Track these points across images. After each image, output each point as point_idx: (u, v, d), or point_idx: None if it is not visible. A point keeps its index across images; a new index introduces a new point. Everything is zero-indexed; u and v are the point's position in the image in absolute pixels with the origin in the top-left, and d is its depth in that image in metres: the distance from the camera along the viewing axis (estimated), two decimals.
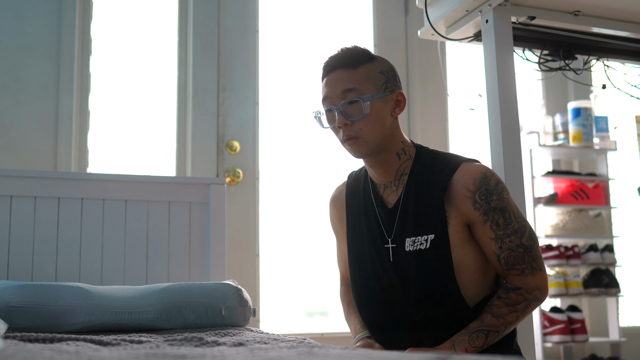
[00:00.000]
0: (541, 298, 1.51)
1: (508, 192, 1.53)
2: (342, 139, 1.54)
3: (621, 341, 3.69)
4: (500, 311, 1.46)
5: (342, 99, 1.51)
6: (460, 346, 1.44)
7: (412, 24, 3.79)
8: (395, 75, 1.59)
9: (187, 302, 1.77)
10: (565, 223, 3.67)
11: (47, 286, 1.71)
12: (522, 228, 1.50)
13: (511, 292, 1.47)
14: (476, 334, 1.45)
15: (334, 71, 1.55)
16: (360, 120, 1.50)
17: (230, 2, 3.47)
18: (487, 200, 1.48)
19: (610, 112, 4.05)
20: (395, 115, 1.57)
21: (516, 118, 1.91)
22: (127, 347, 1.16)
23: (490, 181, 1.50)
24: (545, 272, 1.52)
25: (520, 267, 1.48)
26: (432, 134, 3.81)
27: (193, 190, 2.38)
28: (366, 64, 1.55)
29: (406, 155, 1.59)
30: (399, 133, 1.59)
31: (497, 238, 1.49)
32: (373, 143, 1.52)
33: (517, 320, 1.48)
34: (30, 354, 0.89)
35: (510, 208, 1.51)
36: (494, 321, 1.45)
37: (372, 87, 1.53)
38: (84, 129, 3.19)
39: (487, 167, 1.56)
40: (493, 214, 1.48)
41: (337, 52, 1.59)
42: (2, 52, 2.98)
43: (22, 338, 1.31)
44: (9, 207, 2.15)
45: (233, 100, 3.37)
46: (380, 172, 1.59)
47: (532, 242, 1.50)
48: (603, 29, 2.07)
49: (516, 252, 1.48)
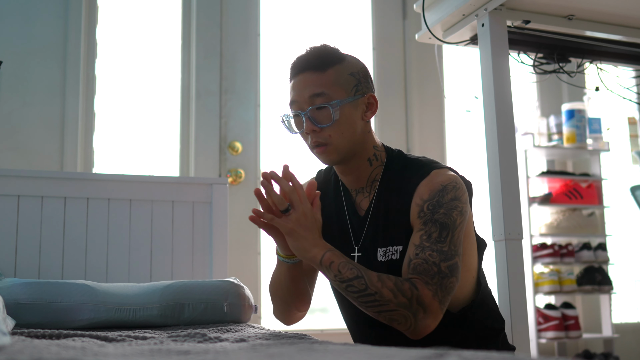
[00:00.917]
0: (417, 320, 1.27)
1: (462, 215, 1.37)
2: (311, 145, 1.44)
3: (614, 337, 3.70)
4: (387, 281, 1.28)
5: (310, 104, 1.40)
6: (332, 257, 1.31)
7: (410, 27, 3.79)
8: (367, 77, 1.48)
9: (190, 299, 1.77)
10: (560, 222, 3.67)
11: (54, 284, 1.71)
12: (450, 255, 1.32)
13: (407, 282, 1.29)
14: (352, 268, 1.30)
15: (301, 73, 1.44)
16: (329, 127, 1.40)
17: (232, 6, 3.47)
18: (432, 212, 1.35)
19: (603, 113, 4.05)
20: (366, 119, 1.46)
21: (511, 119, 1.91)
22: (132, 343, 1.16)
23: (446, 195, 1.36)
24: (439, 314, 1.29)
25: (425, 280, 1.29)
26: (429, 135, 3.81)
27: (196, 190, 2.38)
28: (335, 66, 1.43)
29: (378, 161, 1.48)
30: (371, 137, 1.48)
31: (420, 246, 1.33)
32: (343, 150, 1.42)
33: (385, 300, 1.27)
34: (37, 349, 0.89)
35: (452, 230, 1.34)
36: (374, 280, 1.28)
37: (341, 91, 1.41)
38: (89, 130, 3.19)
39: (457, 178, 1.42)
40: (431, 226, 1.34)
41: (305, 53, 1.47)
42: (10, 55, 2.98)
43: (30, 334, 1.31)
44: (16, 206, 2.15)
45: (235, 102, 3.37)
46: (352, 179, 1.50)
47: (448, 274, 1.30)
48: (596, 32, 2.07)
49: (429, 268, 1.30)
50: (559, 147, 3.72)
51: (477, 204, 1.63)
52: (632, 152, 4.12)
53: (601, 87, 2.30)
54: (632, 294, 4.22)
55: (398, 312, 1.27)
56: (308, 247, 1.33)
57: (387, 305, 1.27)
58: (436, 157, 3.76)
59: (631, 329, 4.13)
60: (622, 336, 3.91)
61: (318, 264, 1.33)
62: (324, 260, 1.32)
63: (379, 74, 3.76)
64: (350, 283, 1.29)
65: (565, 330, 3.49)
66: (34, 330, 1.38)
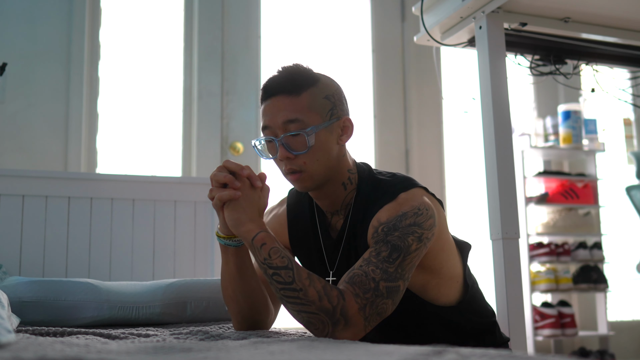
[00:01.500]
0: (334, 330, 1.17)
1: (419, 242, 1.26)
2: (285, 172, 1.36)
3: (609, 335, 3.70)
4: (316, 282, 1.18)
5: (284, 130, 1.31)
6: (266, 239, 1.21)
7: (409, 30, 3.79)
8: (342, 99, 1.39)
9: (192, 297, 1.77)
10: (556, 221, 3.67)
11: (58, 282, 1.71)
12: (394, 277, 1.22)
13: (337, 290, 1.19)
14: (284, 257, 1.20)
15: (274, 97, 1.33)
16: (304, 154, 1.31)
17: (234, 9, 3.47)
18: (386, 234, 1.26)
19: (598, 114, 4.06)
20: (341, 143, 1.37)
21: (508, 120, 1.91)
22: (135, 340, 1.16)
23: (405, 220, 1.27)
24: (361, 332, 1.19)
25: (356, 291, 1.19)
26: (428, 136, 3.82)
27: (198, 189, 2.38)
28: (310, 89, 1.33)
29: (352, 185, 1.40)
30: (345, 161, 1.40)
31: (366, 260, 1.23)
32: (318, 177, 1.34)
33: (308, 300, 1.17)
34: (41, 347, 0.89)
35: (405, 254, 1.24)
36: (303, 277, 1.18)
37: (316, 117, 1.32)
38: (93, 130, 3.19)
39: (423, 204, 1.31)
40: (382, 245, 1.24)
41: (277, 74, 1.36)
42: (14, 57, 2.98)
43: (34, 332, 1.31)
44: (21, 206, 2.15)
45: (236, 104, 3.37)
46: (326, 203, 1.42)
47: (385, 294, 1.20)
48: (592, 34, 2.07)
49: (367, 282, 1.20)
50: (556, 148, 3.72)
51: (475, 204, 1.62)
52: (627, 152, 4.12)
53: (597, 88, 2.30)
54: (627, 292, 4.22)
55: (318, 316, 1.17)
56: (244, 220, 1.23)
57: (309, 306, 1.17)
58: (434, 158, 3.79)
59: (626, 326, 4.14)
60: (617, 334, 3.92)
61: (250, 241, 1.22)
62: (257, 239, 1.21)
63: (378, 76, 3.76)
64: (277, 272, 1.19)
65: (561, 328, 3.49)
66: (38, 327, 1.38)
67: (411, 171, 3.72)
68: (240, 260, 1.33)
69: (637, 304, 4.29)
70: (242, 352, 0.85)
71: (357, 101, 3.68)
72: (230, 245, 1.31)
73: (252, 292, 1.35)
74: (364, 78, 3.77)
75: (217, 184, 1.26)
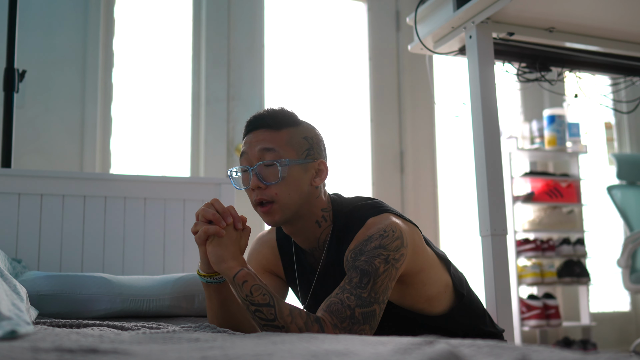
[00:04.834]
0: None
1: (386, 263, 1.21)
2: (255, 202, 1.30)
3: (591, 325, 3.70)
4: (297, 318, 1.14)
5: (259, 159, 1.28)
6: (247, 277, 1.16)
7: (403, 39, 3.79)
8: (320, 144, 1.35)
9: (200, 290, 1.76)
10: (541, 219, 3.67)
11: (74, 276, 1.70)
12: (368, 302, 1.17)
13: (317, 325, 1.14)
14: (265, 294, 1.15)
15: (256, 130, 1.30)
16: (276, 185, 1.26)
17: (239, 20, 3.47)
18: (354, 259, 1.22)
19: (581, 118, 4.06)
20: (315, 185, 1.32)
21: (497, 124, 1.91)
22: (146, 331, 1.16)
23: (370, 243, 1.23)
24: None
25: (334, 321, 1.14)
26: (421, 139, 3.81)
27: (205, 189, 2.38)
28: (290, 128, 1.30)
29: (326, 222, 1.35)
30: (320, 202, 1.34)
31: (341, 287, 1.19)
32: (287, 211, 1.28)
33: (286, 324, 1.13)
34: (58, 337, 0.89)
35: (374, 277, 1.19)
36: (285, 313, 1.14)
37: (292, 152, 1.28)
38: (107, 133, 3.19)
39: (390, 226, 1.26)
40: (352, 271, 1.20)
41: (262, 112, 1.33)
42: (33, 65, 2.98)
43: (51, 323, 1.31)
44: (39, 204, 2.15)
45: (241, 108, 3.37)
46: (301, 240, 1.37)
47: (361, 320, 1.16)
48: (575, 43, 2.07)
49: (343, 310, 1.15)
50: (541, 150, 3.72)
51: (465, 203, 1.61)
52: (608, 154, 4.12)
53: (580, 94, 2.29)
54: (608, 285, 4.22)
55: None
56: (226, 257, 1.19)
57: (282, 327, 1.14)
58: (427, 159, 3.79)
59: (607, 317, 4.14)
60: (599, 324, 3.92)
61: (232, 278, 1.17)
62: (238, 277, 1.17)
63: (374, 82, 3.75)
64: (259, 309, 1.14)
65: (546, 318, 3.49)
66: (55, 319, 1.38)
67: (405, 171, 3.72)
68: (223, 297, 1.29)
69: (617, 297, 4.29)
70: (246, 342, 0.85)
71: (354, 106, 3.68)
72: (212, 283, 1.27)
73: (239, 324, 1.31)
74: (361, 84, 3.77)
75: (204, 219, 1.23)
